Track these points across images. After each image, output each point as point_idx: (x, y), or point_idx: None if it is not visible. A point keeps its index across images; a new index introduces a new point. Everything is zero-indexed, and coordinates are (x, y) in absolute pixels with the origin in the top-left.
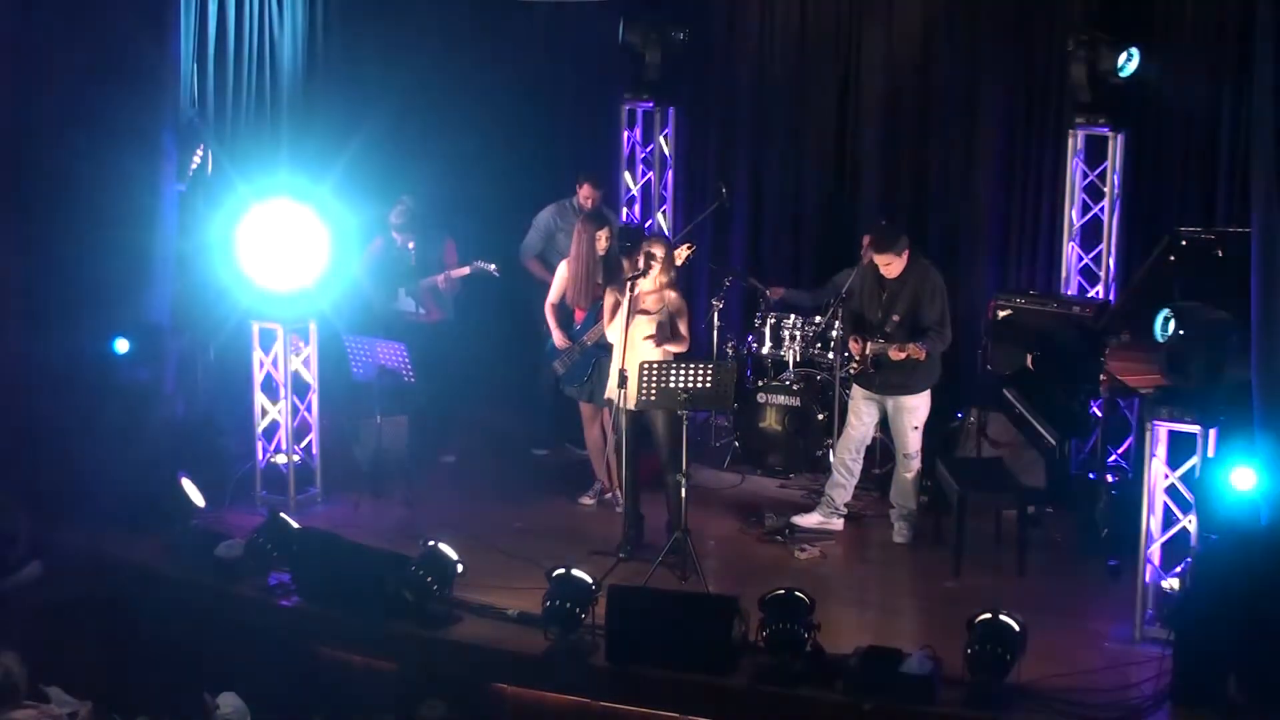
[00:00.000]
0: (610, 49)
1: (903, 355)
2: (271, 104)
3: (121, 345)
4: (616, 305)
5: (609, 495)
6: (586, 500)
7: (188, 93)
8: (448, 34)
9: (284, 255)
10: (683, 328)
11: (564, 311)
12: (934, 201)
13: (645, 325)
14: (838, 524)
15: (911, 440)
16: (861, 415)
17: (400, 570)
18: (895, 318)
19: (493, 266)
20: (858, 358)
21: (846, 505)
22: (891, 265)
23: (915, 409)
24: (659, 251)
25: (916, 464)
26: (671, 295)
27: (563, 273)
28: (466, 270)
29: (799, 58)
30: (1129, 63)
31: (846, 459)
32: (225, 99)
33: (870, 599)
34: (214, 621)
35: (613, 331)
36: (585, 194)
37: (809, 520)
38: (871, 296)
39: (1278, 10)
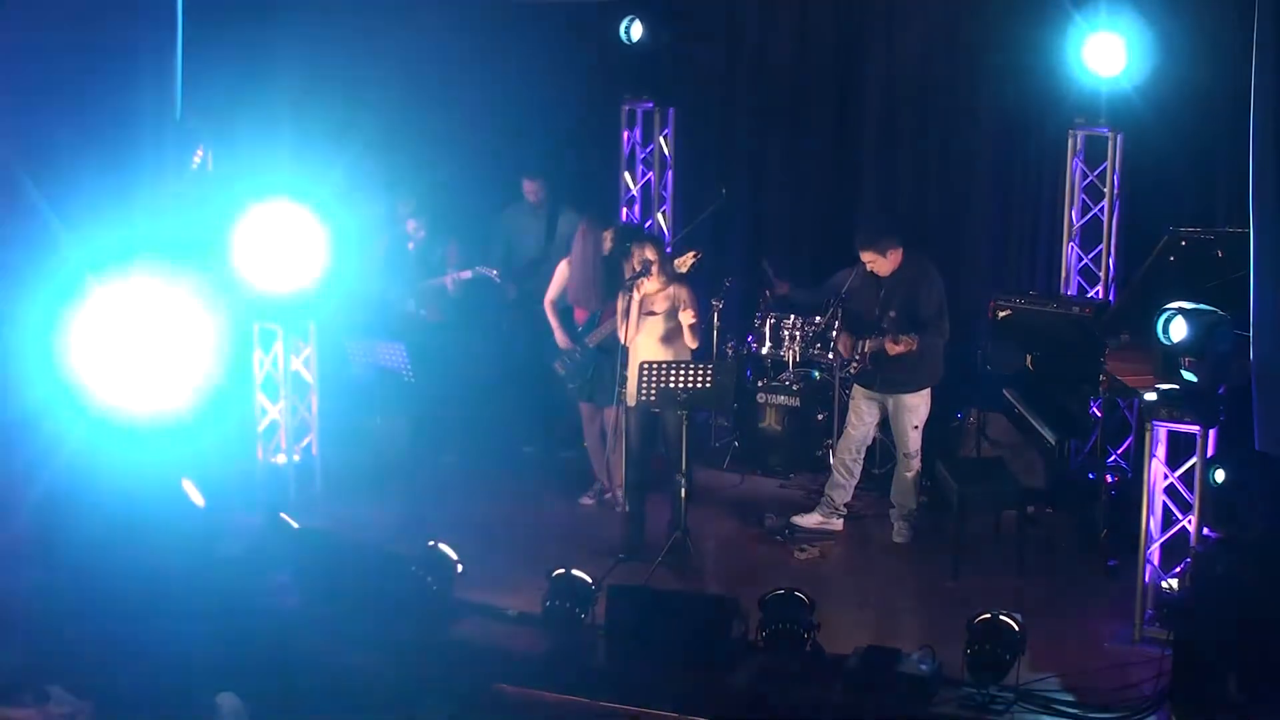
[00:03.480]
0: (610, 49)
1: (899, 348)
2: (271, 104)
3: None
4: (625, 308)
5: (609, 495)
6: (586, 500)
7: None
8: (446, 34)
9: (282, 256)
10: (690, 316)
11: (563, 310)
12: (933, 201)
13: (655, 325)
14: (837, 524)
15: (912, 439)
16: (862, 415)
17: (400, 570)
18: (891, 313)
19: (494, 271)
20: (850, 356)
21: (846, 505)
22: (876, 264)
23: (916, 407)
24: (651, 254)
25: (916, 463)
26: (680, 290)
27: (562, 271)
28: (468, 274)
29: (799, 57)
30: (1123, 63)
31: (847, 459)
32: (225, 99)
33: (870, 599)
34: (214, 621)
35: (623, 334)
36: (526, 190)
37: (809, 520)
38: (869, 294)
39: (1276, 12)
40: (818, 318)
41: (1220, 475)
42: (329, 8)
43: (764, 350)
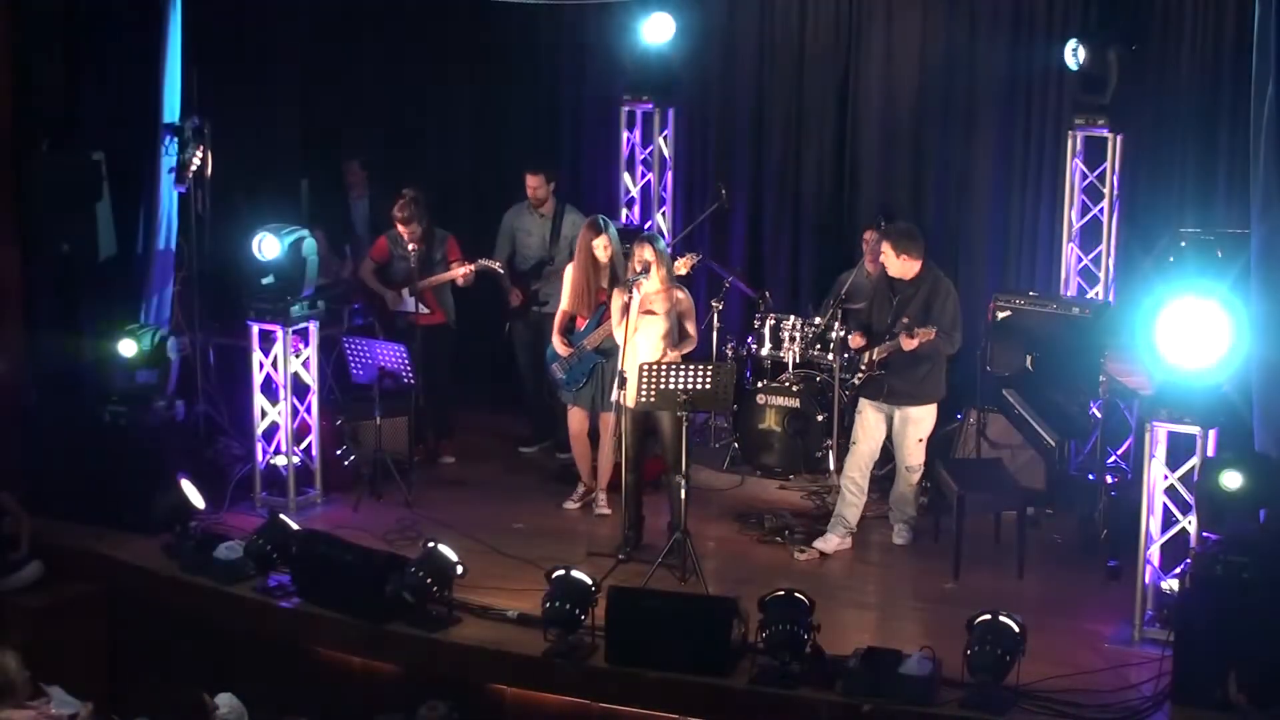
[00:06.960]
0: (610, 49)
1: (914, 343)
2: (271, 106)
3: (127, 347)
4: (624, 307)
5: (592, 495)
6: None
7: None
8: (446, 35)
9: None
10: (690, 327)
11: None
12: (933, 202)
13: (652, 326)
14: (850, 542)
15: (915, 453)
16: (870, 430)
17: (400, 571)
18: (905, 320)
19: (498, 264)
20: (866, 358)
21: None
22: (887, 258)
23: (921, 420)
24: (650, 254)
25: (917, 477)
26: (679, 295)
27: (569, 278)
28: (473, 267)
29: (798, 57)
30: (1122, 64)
31: (856, 476)
32: (224, 100)
33: (870, 600)
34: (214, 622)
35: (620, 333)
36: (528, 185)
37: (829, 545)
38: (881, 302)
39: (1276, 11)
40: (817, 319)
41: (1229, 480)
42: (326, 9)
43: (764, 351)
